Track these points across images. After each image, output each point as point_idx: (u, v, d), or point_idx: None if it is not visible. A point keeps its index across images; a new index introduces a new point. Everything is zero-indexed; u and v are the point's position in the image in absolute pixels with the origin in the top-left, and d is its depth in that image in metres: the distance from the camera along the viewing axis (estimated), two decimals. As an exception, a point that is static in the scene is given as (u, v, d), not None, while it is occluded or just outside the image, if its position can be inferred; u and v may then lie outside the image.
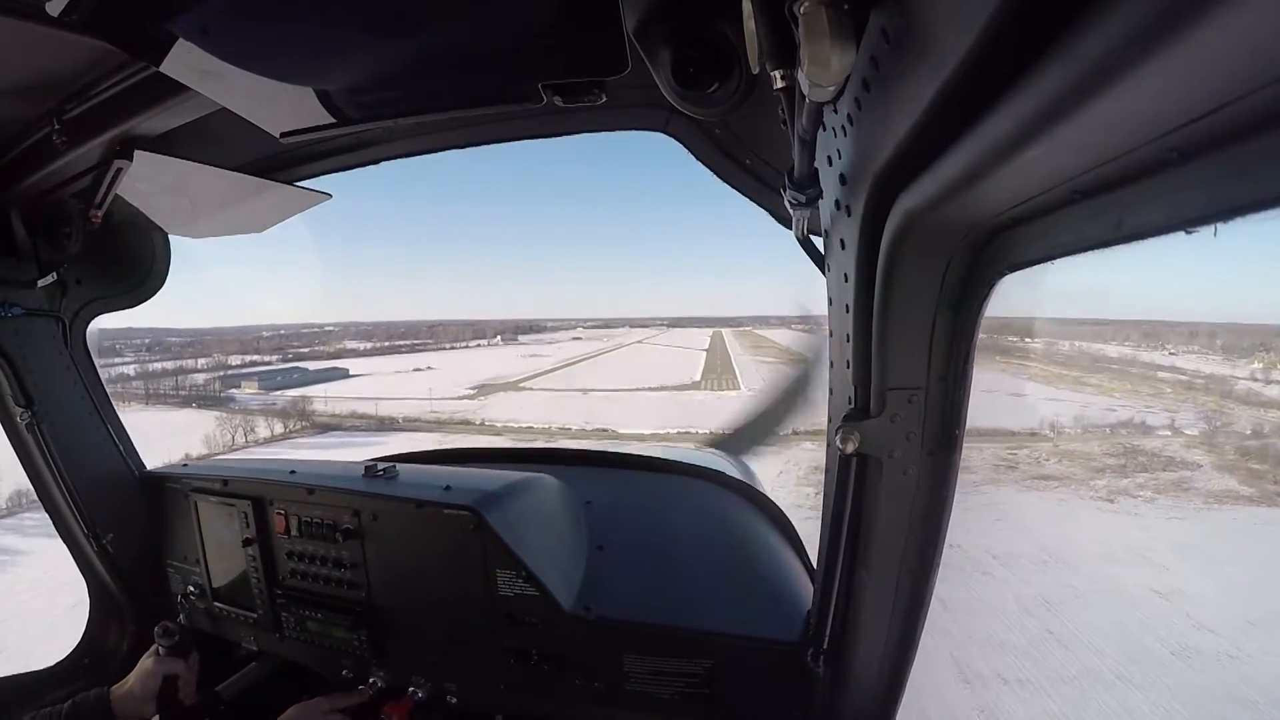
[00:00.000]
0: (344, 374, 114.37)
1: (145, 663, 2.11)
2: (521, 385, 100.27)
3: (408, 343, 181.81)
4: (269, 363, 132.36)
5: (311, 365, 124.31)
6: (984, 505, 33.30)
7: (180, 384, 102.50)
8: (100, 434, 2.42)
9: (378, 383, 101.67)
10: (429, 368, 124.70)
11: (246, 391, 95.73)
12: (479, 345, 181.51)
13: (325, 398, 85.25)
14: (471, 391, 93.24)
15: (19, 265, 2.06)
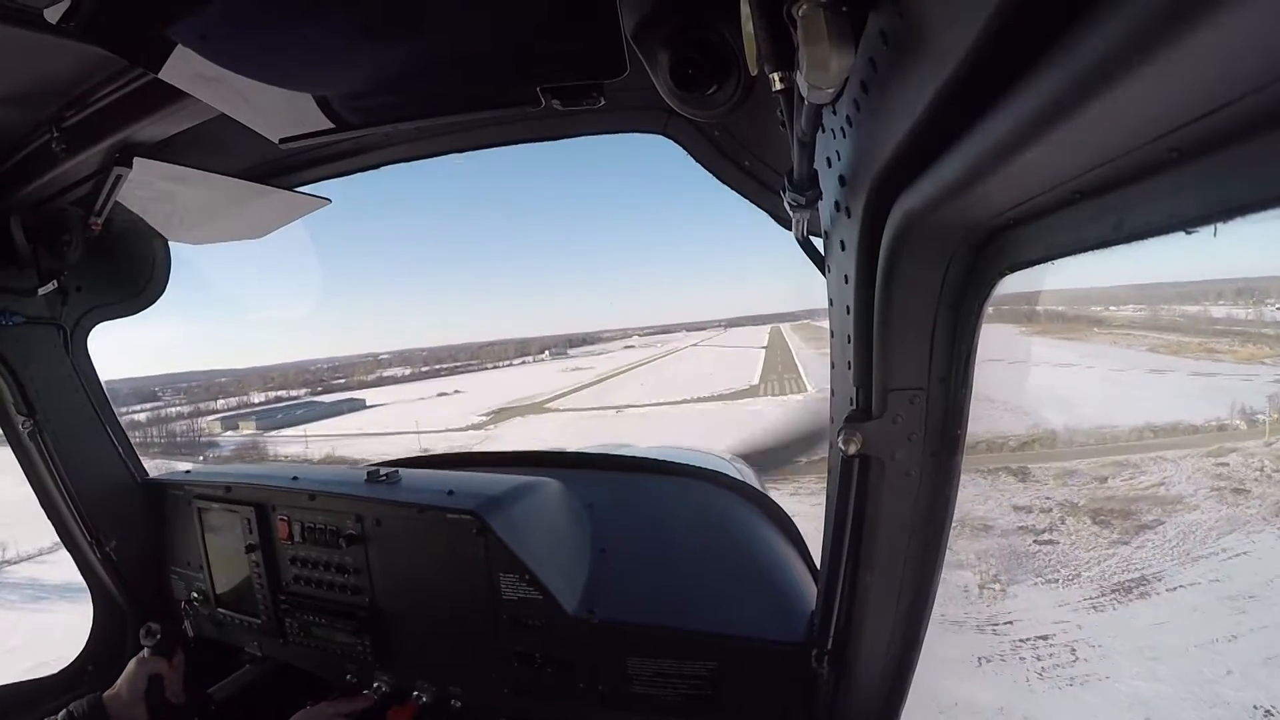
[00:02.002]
0: (360, 405, 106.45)
1: (130, 665, 2.11)
2: (547, 406, 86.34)
3: (447, 366, 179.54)
4: (295, 397, 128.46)
5: (328, 398, 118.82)
6: (1264, 587, 19.28)
7: (166, 430, 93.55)
8: (102, 441, 2.42)
9: (392, 414, 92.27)
10: (456, 391, 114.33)
11: (243, 433, 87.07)
12: (523, 363, 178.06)
13: (306, 438, 76.29)
14: (484, 418, 79.49)
15: (19, 273, 2.06)
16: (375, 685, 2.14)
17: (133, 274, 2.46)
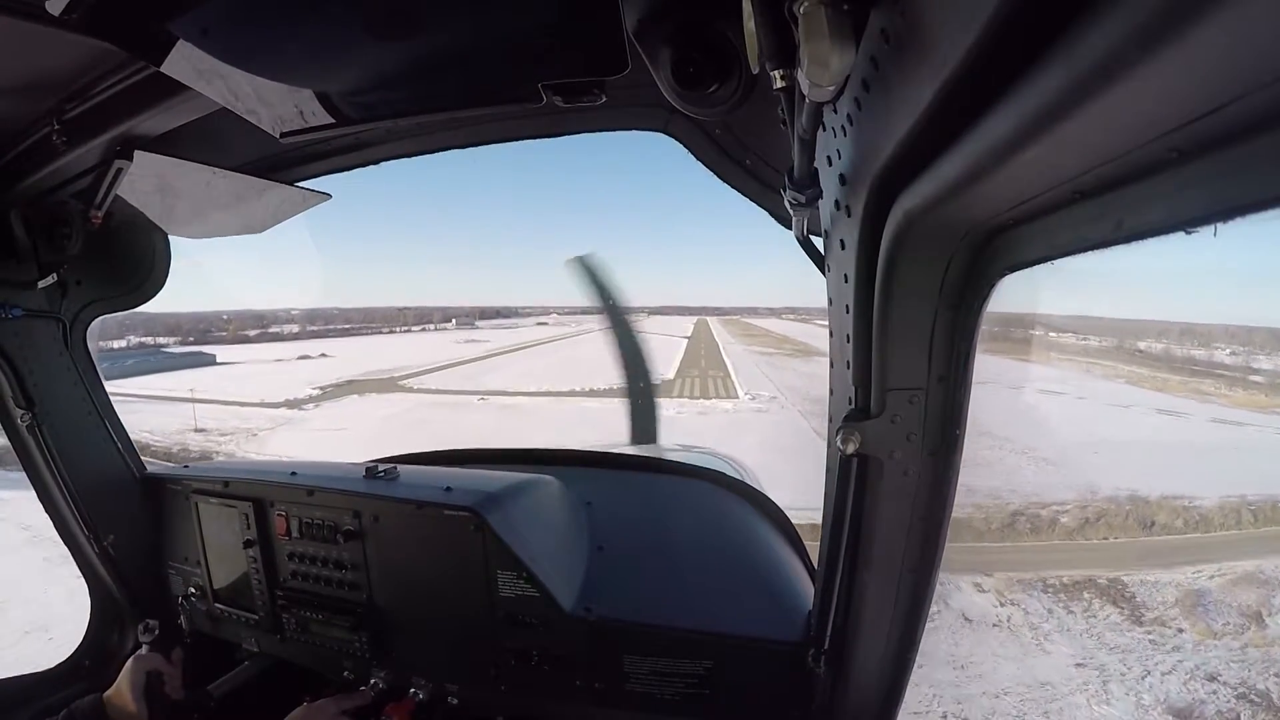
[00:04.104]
0: (209, 360, 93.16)
1: (129, 662, 2.12)
2: (400, 383, 70.49)
3: (339, 327, 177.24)
4: (160, 345, 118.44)
5: (180, 349, 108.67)
6: None
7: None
8: (101, 435, 2.42)
9: (232, 373, 78.14)
10: (322, 355, 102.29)
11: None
12: (423, 330, 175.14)
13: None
14: (316, 392, 63.89)
15: (19, 266, 2.06)
16: (372, 682, 2.13)
17: (133, 267, 2.45)
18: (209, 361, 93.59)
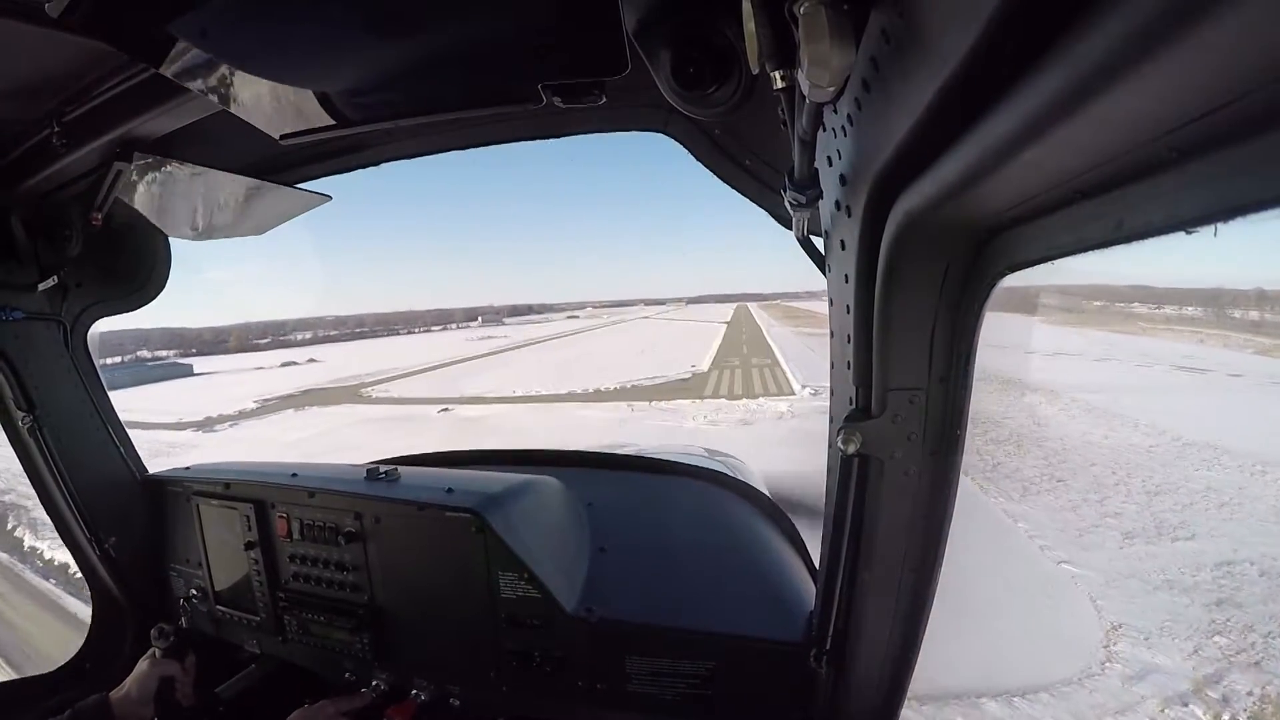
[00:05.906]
0: (185, 371, 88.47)
1: (141, 665, 2.12)
2: (364, 391, 55.96)
3: (350, 330, 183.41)
4: (160, 357, 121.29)
5: (162, 359, 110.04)
6: None
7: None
8: (102, 437, 2.42)
9: (202, 385, 69.72)
10: (310, 360, 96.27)
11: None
12: (442, 329, 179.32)
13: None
14: (253, 405, 50.65)
15: (20, 269, 2.06)
16: (374, 683, 2.14)
17: (133, 269, 2.45)
18: (185, 373, 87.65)
